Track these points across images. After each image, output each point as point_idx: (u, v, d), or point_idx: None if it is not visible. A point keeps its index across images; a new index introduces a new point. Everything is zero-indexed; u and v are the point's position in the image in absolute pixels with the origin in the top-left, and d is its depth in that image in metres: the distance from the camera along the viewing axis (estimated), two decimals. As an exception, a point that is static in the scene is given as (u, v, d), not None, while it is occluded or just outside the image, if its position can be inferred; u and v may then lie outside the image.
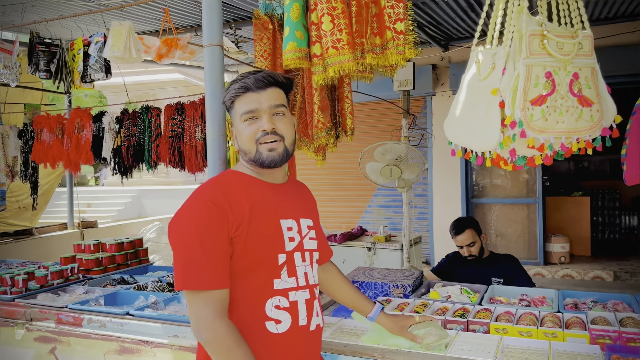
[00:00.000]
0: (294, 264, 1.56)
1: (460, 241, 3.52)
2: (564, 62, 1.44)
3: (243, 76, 1.55)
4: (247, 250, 1.47)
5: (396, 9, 2.02)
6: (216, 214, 1.43)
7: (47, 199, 6.42)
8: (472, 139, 1.56)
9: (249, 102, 1.53)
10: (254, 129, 1.53)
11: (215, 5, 1.97)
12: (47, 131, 3.77)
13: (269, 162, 1.54)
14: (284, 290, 1.52)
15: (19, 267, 3.22)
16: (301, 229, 1.60)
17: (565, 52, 1.45)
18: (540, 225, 7.02)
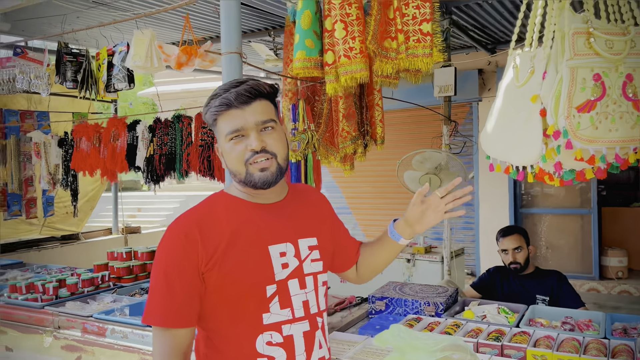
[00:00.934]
0: (288, 294, 1.39)
1: (506, 244, 3.32)
2: (614, 63, 1.26)
3: (223, 89, 1.38)
4: (225, 283, 1.33)
5: (422, 9, 1.86)
6: (185, 248, 1.32)
7: (93, 204, 6.59)
8: (511, 152, 1.40)
9: (233, 120, 1.36)
10: (242, 149, 1.36)
11: (234, 14, 1.90)
12: (86, 140, 3.83)
13: (261, 184, 1.38)
14: (275, 325, 1.37)
15: (53, 274, 3.25)
16: (299, 252, 1.43)
17: (615, 51, 1.27)
18: (596, 237, 6.63)
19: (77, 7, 4.05)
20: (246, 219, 1.39)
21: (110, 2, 4.05)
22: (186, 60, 2.07)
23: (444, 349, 1.93)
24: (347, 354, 2.11)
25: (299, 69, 2.04)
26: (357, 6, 1.93)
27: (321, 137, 2.67)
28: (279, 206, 1.47)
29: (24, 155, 4.28)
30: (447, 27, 4.57)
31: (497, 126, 1.43)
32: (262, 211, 1.43)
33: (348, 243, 1.70)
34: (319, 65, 2.06)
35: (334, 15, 1.94)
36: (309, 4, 2.04)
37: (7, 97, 5.43)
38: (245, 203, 1.43)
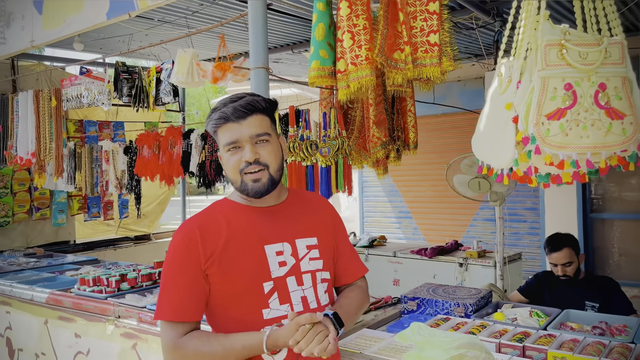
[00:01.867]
0: (286, 290, 1.51)
1: (556, 259, 3.25)
2: (587, 72, 1.31)
3: (222, 104, 1.52)
4: (225, 281, 1.47)
5: (429, 22, 1.96)
6: (188, 248, 1.47)
7: (163, 207, 7.10)
8: (492, 155, 1.48)
9: (230, 133, 1.48)
10: (237, 159, 1.49)
11: (260, 32, 2.09)
12: (147, 148, 4.21)
13: (253, 193, 1.50)
14: (275, 319, 1.48)
15: (121, 269, 3.61)
16: (297, 251, 1.55)
17: (589, 61, 1.32)
18: (674, 244, 6.21)
19: (145, 25, 4.48)
20: (243, 222, 1.53)
21: (172, 20, 4.43)
22: (221, 75, 2.29)
23: (460, 347, 2.00)
24: (371, 349, 2.22)
25: (314, 77, 2.21)
26: (364, 17, 2.07)
27: (354, 142, 2.81)
28: (277, 209, 1.59)
29: (97, 162, 4.77)
30: (499, 29, 4.54)
31: (484, 131, 1.51)
32: (260, 214, 1.56)
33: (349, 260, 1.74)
34: (333, 75, 2.21)
35: (343, 27, 2.10)
36: (323, 18, 2.20)
37: (89, 109, 6.03)
38: (243, 207, 1.56)
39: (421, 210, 8.16)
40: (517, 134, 1.35)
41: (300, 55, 5.35)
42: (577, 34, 1.37)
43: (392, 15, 2.04)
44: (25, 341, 3.44)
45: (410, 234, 8.22)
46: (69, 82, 3.51)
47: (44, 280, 3.66)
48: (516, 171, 1.40)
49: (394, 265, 5.37)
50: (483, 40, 5.15)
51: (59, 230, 5.87)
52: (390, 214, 8.45)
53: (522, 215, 7.24)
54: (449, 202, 7.72)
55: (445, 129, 7.42)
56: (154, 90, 3.17)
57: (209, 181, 3.95)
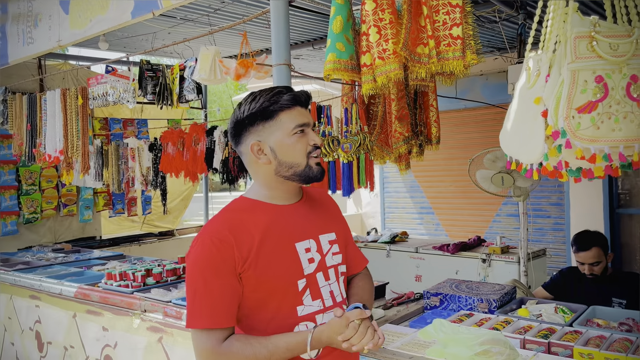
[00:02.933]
0: (317, 286, 1.52)
1: (584, 258, 3.18)
2: (618, 64, 1.28)
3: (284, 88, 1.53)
4: (261, 282, 1.44)
5: (452, 15, 1.94)
6: (221, 251, 1.41)
7: (186, 203, 7.19)
8: (521, 150, 1.46)
9: (301, 116, 1.50)
10: (305, 142, 1.50)
11: (282, 29, 2.10)
12: (171, 145, 4.27)
13: (319, 175, 1.52)
14: (309, 316, 1.49)
15: (146, 264, 3.66)
16: (321, 247, 1.56)
17: (620, 52, 1.29)
18: None
19: (168, 24, 4.53)
20: (272, 220, 1.51)
21: (194, 19, 4.47)
22: (244, 72, 2.30)
23: (484, 343, 1.99)
24: (394, 344, 2.22)
25: (330, 70, 2.20)
26: (390, 11, 2.05)
27: (376, 138, 2.80)
28: (298, 206, 1.59)
29: (123, 159, 4.85)
30: (522, 22, 4.47)
31: (512, 126, 1.49)
32: (285, 211, 1.55)
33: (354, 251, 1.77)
34: (349, 68, 2.21)
35: (368, 21, 2.09)
36: (341, 11, 2.20)
37: (113, 107, 6.13)
38: (267, 205, 1.54)
39: (443, 206, 8.10)
40: (546, 128, 1.33)
41: (321, 51, 5.35)
42: (607, 25, 1.35)
43: (416, 9, 2.03)
44: (54, 334, 3.53)
45: (432, 229, 8.17)
46: (95, 80, 3.58)
47: (72, 275, 3.74)
48: (546, 166, 1.38)
49: (415, 261, 5.34)
50: (506, 34, 5.08)
51: (85, 227, 6.00)
52: (412, 210, 8.40)
53: (546, 211, 7.13)
54: (472, 197, 7.65)
55: (468, 124, 7.35)
56: (178, 87, 3.21)
57: (233, 177, 3.98)
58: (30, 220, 5.36)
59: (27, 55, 3.88)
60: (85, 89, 3.74)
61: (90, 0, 3.20)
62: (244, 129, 1.52)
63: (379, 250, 5.58)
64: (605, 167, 1.37)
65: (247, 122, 1.51)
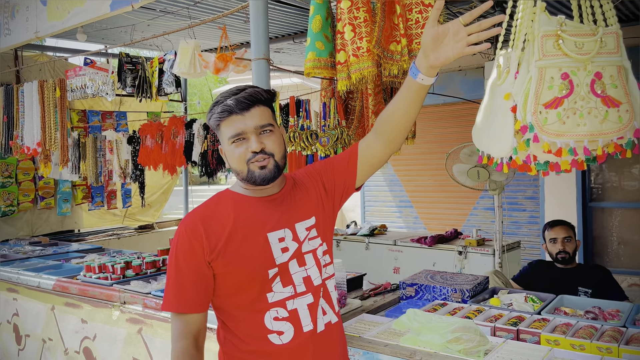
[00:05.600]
0: (288, 273, 1.56)
1: (556, 232, 3.32)
2: (583, 62, 1.35)
3: (224, 97, 1.53)
4: (230, 271, 1.51)
5: (425, 14, 2.00)
6: (191, 241, 1.49)
7: (167, 197, 7.16)
8: (491, 144, 1.52)
9: (234, 125, 1.50)
10: (243, 151, 1.51)
11: (261, 24, 2.12)
12: (150, 137, 4.25)
13: (261, 180, 1.52)
14: (280, 302, 1.54)
15: (125, 256, 3.66)
16: (297, 235, 1.59)
17: (585, 50, 1.35)
18: (672, 233, 6.26)
19: (148, 16, 4.50)
20: (246, 212, 1.56)
21: (174, 11, 4.45)
22: (223, 66, 2.32)
23: (455, 331, 2.06)
24: (370, 334, 2.28)
25: (310, 68, 2.25)
26: (364, 9, 2.10)
27: (354, 132, 2.85)
28: (277, 197, 1.62)
29: (101, 151, 4.82)
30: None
31: (483, 121, 1.55)
32: (261, 203, 1.59)
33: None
34: (328, 66, 2.25)
35: (344, 19, 2.13)
36: (320, 10, 2.24)
37: (92, 100, 6.06)
38: (245, 198, 1.59)
39: (422, 200, 8.21)
40: (515, 123, 1.39)
41: (301, 45, 5.37)
42: (573, 24, 1.41)
43: (389, 8, 2.08)
44: (33, 327, 3.51)
45: (411, 223, 8.28)
46: (73, 72, 3.55)
47: (50, 268, 3.72)
48: (515, 159, 1.44)
49: (394, 253, 5.42)
50: (484, 30, 5.16)
51: (64, 220, 5.94)
52: (392, 204, 8.50)
53: (522, 205, 7.29)
54: (450, 191, 7.77)
55: (447, 119, 7.45)
56: (157, 80, 3.20)
57: (211, 170, 3.99)
58: (7, 213, 5.29)
59: (4, 47, 3.84)
60: (63, 81, 3.71)
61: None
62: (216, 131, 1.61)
63: (358, 243, 5.65)
64: (571, 160, 1.44)
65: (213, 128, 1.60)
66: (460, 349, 1.93)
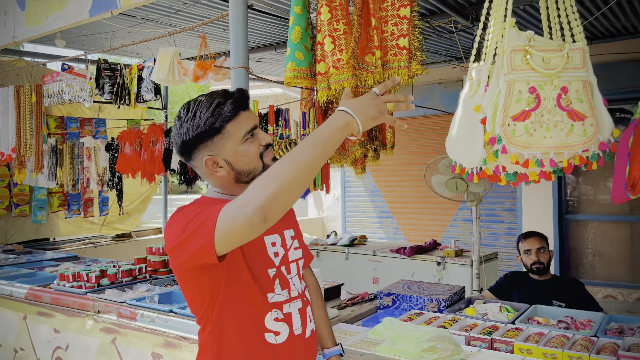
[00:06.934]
0: (284, 277, 1.59)
1: (530, 244, 3.39)
2: (550, 77, 1.39)
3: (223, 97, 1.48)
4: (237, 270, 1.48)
5: (400, 26, 2.04)
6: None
7: (145, 205, 7.09)
8: (463, 155, 1.55)
9: (246, 122, 1.48)
10: (257, 146, 1.50)
11: (241, 32, 2.14)
12: (129, 145, 4.23)
13: None
14: (278, 304, 1.56)
15: (101, 265, 3.62)
16: (285, 242, 1.62)
17: (552, 66, 1.39)
18: (645, 246, 6.39)
19: (128, 23, 4.48)
20: None
21: (155, 19, 4.44)
22: (202, 74, 2.33)
23: (430, 340, 2.08)
24: (346, 343, 2.29)
25: (290, 78, 2.27)
26: (344, 22, 2.14)
27: (333, 142, 2.86)
28: None
29: (79, 158, 4.76)
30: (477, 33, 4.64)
31: (456, 132, 1.58)
32: None
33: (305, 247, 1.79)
34: (308, 76, 2.28)
35: (324, 31, 2.16)
36: (300, 21, 2.27)
37: (71, 106, 5.99)
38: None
39: (402, 210, 8.27)
40: (485, 135, 1.42)
41: (283, 55, 5.40)
42: (541, 40, 1.45)
43: (365, 20, 2.12)
44: (4, 336, 3.43)
45: (391, 233, 8.32)
46: (50, 78, 3.52)
47: (23, 276, 3.65)
48: (485, 170, 1.47)
49: (373, 264, 5.44)
50: (462, 44, 5.26)
51: (39, 228, 5.83)
52: (372, 214, 8.54)
53: (500, 216, 7.38)
54: (430, 202, 7.84)
55: (427, 130, 7.53)
56: (136, 87, 3.19)
57: (190, 179, 3.98)
58: (-20, 220, 5.18)
59: (-20, 51, 3.79)
60: (39, 86, 3.67)
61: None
62: (194, 148, 1.49)
63: (339, 253, 5.66)
64: (539, 172, 1.47)
65: (195, 142, 1.47)
66: (435, 357, 1.95)
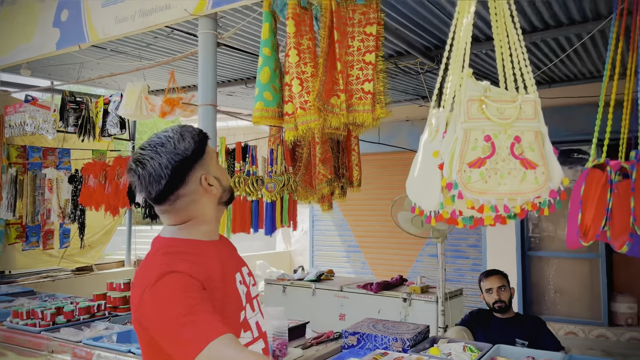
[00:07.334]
0: (246, 317, 1.54)
1: (491, 282, 3.46)
2: (504, 126, 1.45)
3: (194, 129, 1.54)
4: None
5: (365, 71, 2.11)
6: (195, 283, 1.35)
7: (109, 237, 6.92)
8: (422, 198, 1.59)
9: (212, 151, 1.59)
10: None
11: (210, 71, 2.17)
12: (93, 177, 4.15)
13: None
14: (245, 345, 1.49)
15: (57, 301, 3.49)
16: (245, 279, 1.60)
17: (506, 116, 1.46)
18: (604, 282, 6.55)
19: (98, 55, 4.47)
20: (213, 256, 1.49)
21: (126, 51, 4.45)
22: (169, 110, 2.34)
23: (393, 382, 2.08)
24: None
25: (258, 118, 2.30)
26: (312, 65, 2.20)
27: (300, 179, 2.90)
28: (221, 241, 1.61)
29: (40, 189, 4.64)
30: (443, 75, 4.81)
31: (416, 174, 1.62)
32: (216, 247, 1.55)
33: None
34: (276, 116, 2.32)
35: (292, 73, 2.21)
36: (269, 62, 2.32)
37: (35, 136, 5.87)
38: (202, 243, 1.51)
39: (370, 245, 8.30)
40: (442, 180, 1.46)
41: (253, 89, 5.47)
42: (496, 90, 1.52)
43: (331, 64, 2.18)
44: (-51, 377, 3.26)
45: (359, 268, 8.32)
46: (12, 109, 3.46)
47: (-27, 313, 3.49)
48: (443, 213, 1.51)
49: (340, 299, 5.41)
50: (428, 84, 5.43)
51: (-6, 260, 5.61)
52: (340, 248, 8.54)
53: (465, 252, 7.49)
54: (397, 237, 7.88)
55: (395, 166, 7.66)
56: (101, 121, 3.17)
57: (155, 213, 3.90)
58: None
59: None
60: (1, 116, 3.59)
61: (15, 28, 3.14)
62: (190, 169, 1.47)
63: (305, 289, 5.61)
64: (494, 216, 1.52)
65: (193, 159, 1.47)
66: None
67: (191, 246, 1.48)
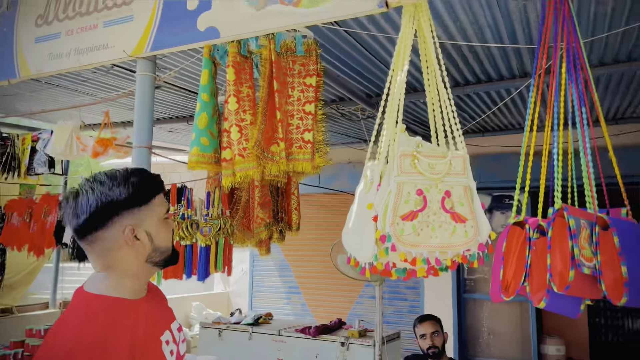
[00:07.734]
0: None
1: (425, 328, 3.55)
2: (435, 181, 1.50)
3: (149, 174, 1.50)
4: None
5: (305, 121, 2.16)
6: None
7: (33, 277, 6.49)
8: (357, 249, 1.60)
9: (165, 202, 1.51)
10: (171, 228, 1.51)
11: (146, 112, 2.13)
12: (17, 215, 3.92)
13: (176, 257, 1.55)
14: None
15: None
16: (174, 336, 1.52)
17: (437, 171, 1.52)
18: (534, 325, 6.77)
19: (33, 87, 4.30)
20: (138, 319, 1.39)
21: (62, 85, 4.31)
22: (102, 150, 2.26)
23: None
24: None
25: (194, 162, 2.28)
26: (251, 112, 2.22)
27: (238, 222, 2.87)
28: (150, 297, 1.51)
29: (-43, 227, 4.33)
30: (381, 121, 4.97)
31: (351, 225, 1.64)
32: (145, 306, 1.45)
33: None
34: (212, 161, 2.30)
35: (231, 120, 2.22)
36: (207, 108, 2.32)
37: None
38: (126, 303, 1.41)
39: (310, 286, 8.24)
40: (376, 232, 1.48)
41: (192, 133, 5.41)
42: (428, 146, 1.58)
43: (271, 112, 2.21)
44: None
45: (298, 309, 8.21)
46: None
47: None
48: (377, 265, 1.53)
49: (277, 344, 5.30)
50: (369, 128, 5.58)
51: None
52: (280, 289, 8.42)
53: (403, 294, 7.57)
54: (337, 278, 7.87)
55: (336, 206, 7.72)
56: (27, 159, 3.01)
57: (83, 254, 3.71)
58: None
59: None
60: None
61: (-60, 57, 2.97)
62: (116, 213, 1.39)
63: (242, 333, 5.46)
64: (427, 268, 1.55)
65: (124, 205, 1.40)
66: None
67: (112, 309, 1.37)
